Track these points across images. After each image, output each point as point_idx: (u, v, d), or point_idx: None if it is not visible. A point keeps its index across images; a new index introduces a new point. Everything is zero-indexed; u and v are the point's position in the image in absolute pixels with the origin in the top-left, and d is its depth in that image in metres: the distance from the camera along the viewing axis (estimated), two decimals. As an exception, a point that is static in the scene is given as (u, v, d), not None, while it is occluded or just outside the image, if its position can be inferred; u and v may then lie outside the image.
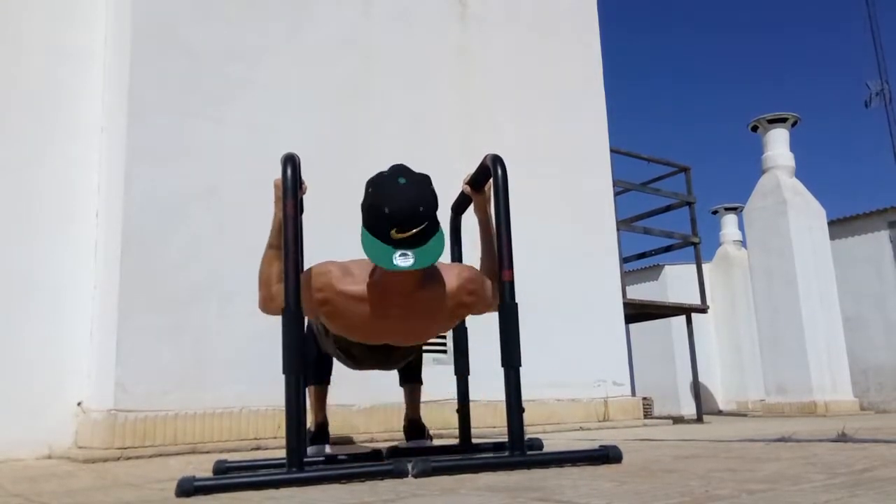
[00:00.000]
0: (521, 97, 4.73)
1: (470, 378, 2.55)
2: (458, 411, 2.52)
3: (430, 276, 2.04)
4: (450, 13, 4.55)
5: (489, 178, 2.09)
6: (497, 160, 2.06)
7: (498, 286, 2.00)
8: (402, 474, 1.69)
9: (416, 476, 1.67)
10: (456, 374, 2.54)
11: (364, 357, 2.35)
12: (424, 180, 1.94)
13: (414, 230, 1.84)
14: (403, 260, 1.83)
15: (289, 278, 1.81)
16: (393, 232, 1.83)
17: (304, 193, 2.02)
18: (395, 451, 2.36)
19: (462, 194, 2.37)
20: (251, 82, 3.63)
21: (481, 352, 2.59)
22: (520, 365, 1.89)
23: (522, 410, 1.87)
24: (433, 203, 1.91)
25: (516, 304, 1.93)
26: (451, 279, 2.07)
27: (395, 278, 1.95)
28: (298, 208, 1.91)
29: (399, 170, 1.95)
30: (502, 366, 1.89)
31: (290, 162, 1.92)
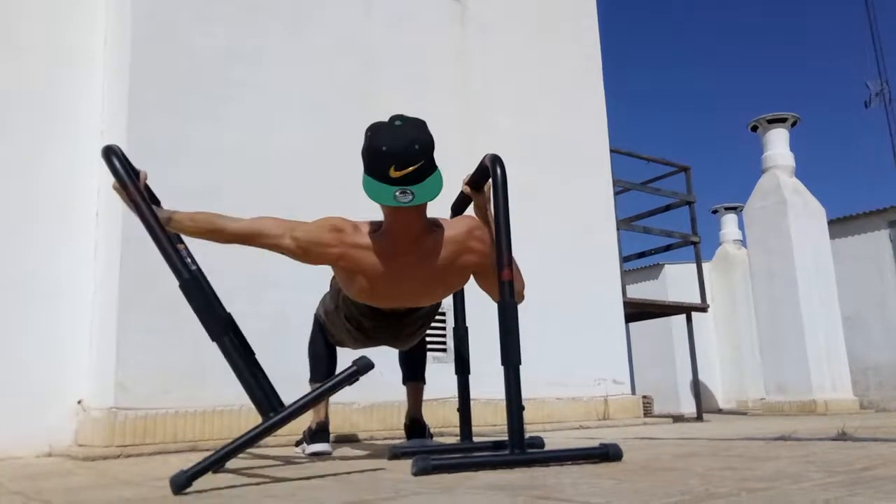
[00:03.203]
0: (520, 97, 4.73)
1: (469, 376, 2.56)
2: (458, 410, 2.53)
3: (435, 224, 2.12)
4: (449, 14, 4.55)
5: (488, 178, 2.09)
6: (496, 160, 2.05)
7: (497, 286, 2.00)
8: (360, 373, 1.76)
9: (415, 474, 1.67)
10: (456, 373, 2.55)
11: (376, 331, 2.39)
12: (420, 123, 2.04)
13: (411, 167, 1.92)
14: (403, 196, 1.91)
15: (169, 256, 1.96)
16: (391, 170, 1.91)
17: (145, 179, 2.04)
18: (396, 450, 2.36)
19: (462, 194, 2.37)
20: (251, 83, 3.63)
21: (480, 350, 2.60)
22: (519, 363, 1.89)
23: (522, 409, 1.87)
24: (429, 142, 2.00)
25: (515, 303, 1.94)
26: (459, 225, 2.15)
27: (401, 223, 2.02)
28: (145, 192, 1.96)
29: (396, 115, 2.05)
30: (502, 364, 1.89)
31: (111, 153, 1.95)
